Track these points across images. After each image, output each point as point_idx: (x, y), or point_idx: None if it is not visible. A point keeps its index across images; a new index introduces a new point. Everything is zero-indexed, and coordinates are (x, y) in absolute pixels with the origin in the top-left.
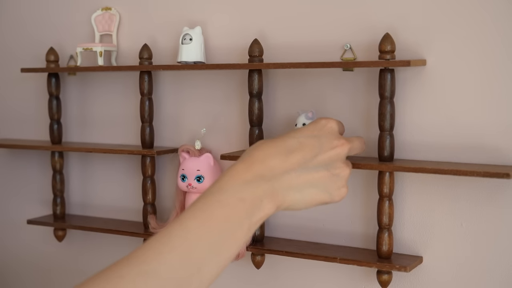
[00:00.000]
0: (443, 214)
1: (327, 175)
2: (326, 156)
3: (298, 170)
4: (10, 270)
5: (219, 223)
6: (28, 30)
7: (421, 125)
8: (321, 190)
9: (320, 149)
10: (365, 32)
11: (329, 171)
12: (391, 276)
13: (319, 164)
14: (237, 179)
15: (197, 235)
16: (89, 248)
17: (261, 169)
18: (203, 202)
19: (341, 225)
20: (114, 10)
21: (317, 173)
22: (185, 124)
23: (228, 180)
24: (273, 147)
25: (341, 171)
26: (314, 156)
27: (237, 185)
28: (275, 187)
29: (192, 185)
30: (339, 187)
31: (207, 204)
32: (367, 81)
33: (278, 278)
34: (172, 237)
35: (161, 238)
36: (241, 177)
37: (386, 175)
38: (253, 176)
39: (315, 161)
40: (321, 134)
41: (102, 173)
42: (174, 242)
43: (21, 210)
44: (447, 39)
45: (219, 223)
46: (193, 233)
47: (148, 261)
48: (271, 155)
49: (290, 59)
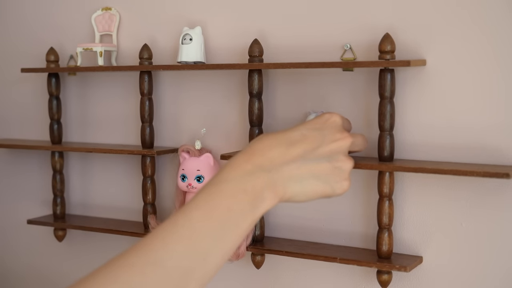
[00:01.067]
0: (443, 214)
1: (329, 167)
2: (328, 149)
3: (299, 162)
4: (10, 270)
5: (222, 213)
6: (28, 30)
7: (421, 125)
8: (322, 182)
9: (322, 141)
10: (365, 32)
11: (331, 163)
12: (391, 276)
13: (321, 156)
14: (238, 170)
15: (201, 225)
16: (89, 248)
17: (261, 160)
18: (207, 193)
19: (341, 225)
20: (114, 10)
21: (319, 165)
22: (185, 124)
23: (229, 171)
24: (274, 139)
25: (343, 164)
26: (315, 148)
27: (238, 176)
28: (275, 178)
29: (192, 185)
30: (341, 179)
31: (210, 195)
32: (367, 81)
33: (278, 278)
34: (178, 227)
35: (167, 228)
36: (242, 168)
37: (386, 175)
38: (253, 167)
39: (317, 153)
40: (324, 127)
41: (102, 173)
42: (180, 232)
43: (21, 210)
44: (447, 39)
45: (223, 214)
46: (197, 223)
47: (156, 249)
48: (272, 146)
49: (290, 59)
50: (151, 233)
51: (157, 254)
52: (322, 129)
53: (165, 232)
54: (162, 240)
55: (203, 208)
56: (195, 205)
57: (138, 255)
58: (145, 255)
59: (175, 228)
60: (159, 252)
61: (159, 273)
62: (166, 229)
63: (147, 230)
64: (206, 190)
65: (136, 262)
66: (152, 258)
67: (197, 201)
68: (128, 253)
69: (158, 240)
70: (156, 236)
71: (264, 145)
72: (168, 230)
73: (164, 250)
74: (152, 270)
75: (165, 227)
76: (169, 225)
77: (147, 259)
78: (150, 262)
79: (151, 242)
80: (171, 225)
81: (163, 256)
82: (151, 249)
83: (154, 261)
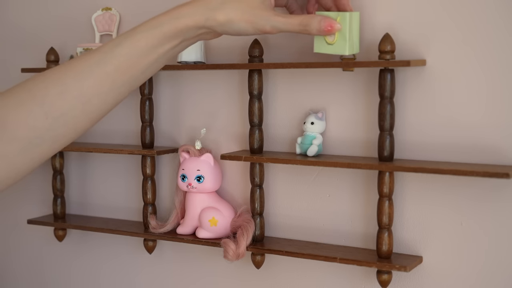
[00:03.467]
0: (443, 214)
1: None
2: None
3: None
4: (10, 270)
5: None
6: (28, 30)
7: (421, 125)
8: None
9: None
10: (365, 32)
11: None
12: (391, 276)
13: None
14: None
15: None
16: (89, 248)
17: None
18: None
19: (341, 225)
20: (114, 10)
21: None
22: (185, 124)
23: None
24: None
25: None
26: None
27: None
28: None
29: (192, 185)
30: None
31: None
32: (367, 81)
33: (278, 278)
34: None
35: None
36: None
37: (386, 175)
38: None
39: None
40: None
41: (102, 173)
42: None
43: (21, 210)
44: (447, 39)
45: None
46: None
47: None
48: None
49: (290, 59)
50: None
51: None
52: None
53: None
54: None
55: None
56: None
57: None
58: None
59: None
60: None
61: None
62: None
63: (147, 230)
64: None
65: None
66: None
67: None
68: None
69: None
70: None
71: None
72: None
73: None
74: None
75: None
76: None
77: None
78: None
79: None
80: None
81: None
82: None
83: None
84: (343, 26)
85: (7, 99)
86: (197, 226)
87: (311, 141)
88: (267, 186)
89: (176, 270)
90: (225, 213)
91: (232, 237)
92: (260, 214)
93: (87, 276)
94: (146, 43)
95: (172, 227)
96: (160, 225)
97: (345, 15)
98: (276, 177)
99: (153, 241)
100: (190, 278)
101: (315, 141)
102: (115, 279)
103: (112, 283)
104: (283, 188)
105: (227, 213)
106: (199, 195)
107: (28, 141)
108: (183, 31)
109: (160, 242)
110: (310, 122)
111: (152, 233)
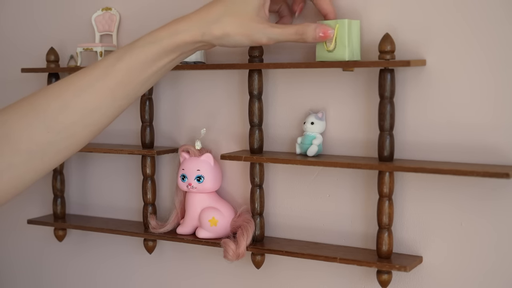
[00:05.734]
0: (443, 214)
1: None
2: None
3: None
4: (10, 270)
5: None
6: (28, 30)
7: (421, 125)
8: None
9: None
10: (365, 32)
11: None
12: (391, 276)
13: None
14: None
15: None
16: (89, 248)
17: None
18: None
19: (341, 225)
20: (114, 10)
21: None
22: (185, 124)
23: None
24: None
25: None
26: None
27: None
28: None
29: (192, 185)
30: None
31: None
32: (367, 81)
33: (278, 278)
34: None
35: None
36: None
37: (386, 175)
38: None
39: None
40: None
41: (102, 173)
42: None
43: (21, 210)
44: (447, 39)
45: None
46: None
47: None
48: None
49: (290, 59)
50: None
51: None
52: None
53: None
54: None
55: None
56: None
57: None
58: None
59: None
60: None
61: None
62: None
63: (147, 230)
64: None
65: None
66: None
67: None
68: (37, 95)
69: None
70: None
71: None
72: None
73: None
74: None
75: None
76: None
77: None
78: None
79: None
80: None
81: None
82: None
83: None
84: (341, 33)
85: (11, 113)
86: (197, 226)
87: (311, 141)
88: (267, 186)
89: (176, 270)
90: (225, 213)
91: (232, 237)
92: (260, 214)
93: (87, 276)
94: (145, 57)
95: (172, 227)
96: (160, 225)
97: (343, 23)
98: (276, 177)
99: (153, 241)
100: (190, 278)
101: (315, 141)
102: (115, 279)
103: (112, 283)
104: (283, 188)
105: (227, 213)
106: (199, 195)
107: (31, 154)
108: (181, 46)
109: (160, 242)
110: (310, 122)
111: (152, 233)
